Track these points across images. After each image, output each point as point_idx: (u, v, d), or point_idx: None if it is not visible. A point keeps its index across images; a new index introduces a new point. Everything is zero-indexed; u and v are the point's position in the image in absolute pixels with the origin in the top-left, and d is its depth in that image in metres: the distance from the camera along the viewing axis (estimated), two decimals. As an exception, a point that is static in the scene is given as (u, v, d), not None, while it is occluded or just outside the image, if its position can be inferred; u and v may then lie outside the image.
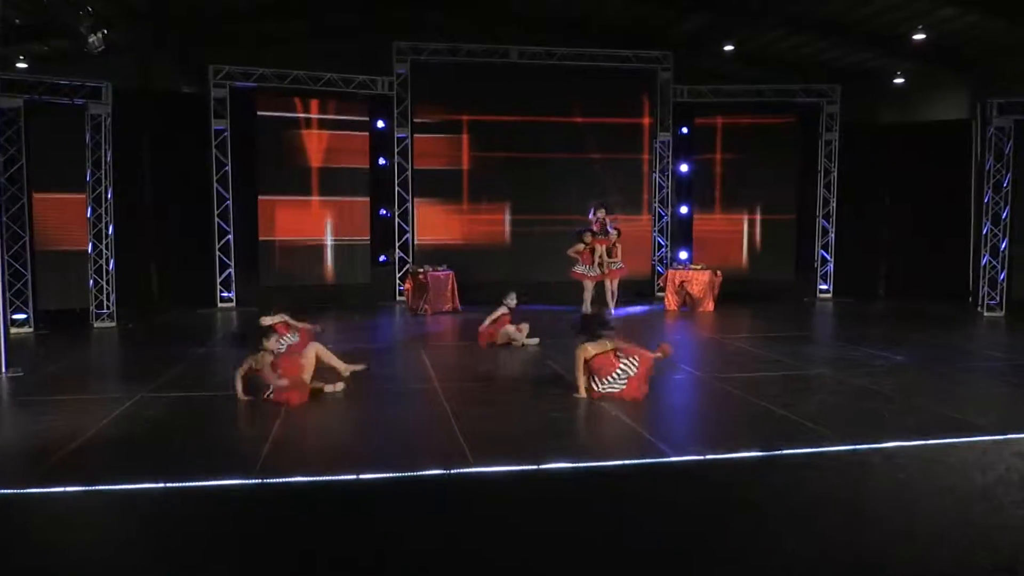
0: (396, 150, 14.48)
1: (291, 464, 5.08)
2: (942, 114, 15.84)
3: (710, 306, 13.35)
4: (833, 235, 15.25)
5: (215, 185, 13.55)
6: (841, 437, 5.57)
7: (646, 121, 15.21)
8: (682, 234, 15.69)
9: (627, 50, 14.94)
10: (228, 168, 13.60)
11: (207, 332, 11.49)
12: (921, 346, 9.60)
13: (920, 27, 15.32)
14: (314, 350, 6.83)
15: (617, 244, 12.69)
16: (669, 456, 5.22)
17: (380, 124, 14.58)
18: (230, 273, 13.79)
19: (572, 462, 5.07)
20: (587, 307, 12.09)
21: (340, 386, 6.95)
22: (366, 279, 14.64)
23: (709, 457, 5.22)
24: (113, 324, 11.52)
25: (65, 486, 4.56)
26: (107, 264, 11.63)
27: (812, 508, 4.44)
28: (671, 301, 13.53)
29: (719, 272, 13.58)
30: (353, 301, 14.02)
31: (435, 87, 14.50)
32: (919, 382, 7.45)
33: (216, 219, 13.62)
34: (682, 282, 13.52)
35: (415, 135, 14.55)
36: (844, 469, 5.07)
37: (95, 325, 11.43)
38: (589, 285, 12.46)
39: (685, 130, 15.40)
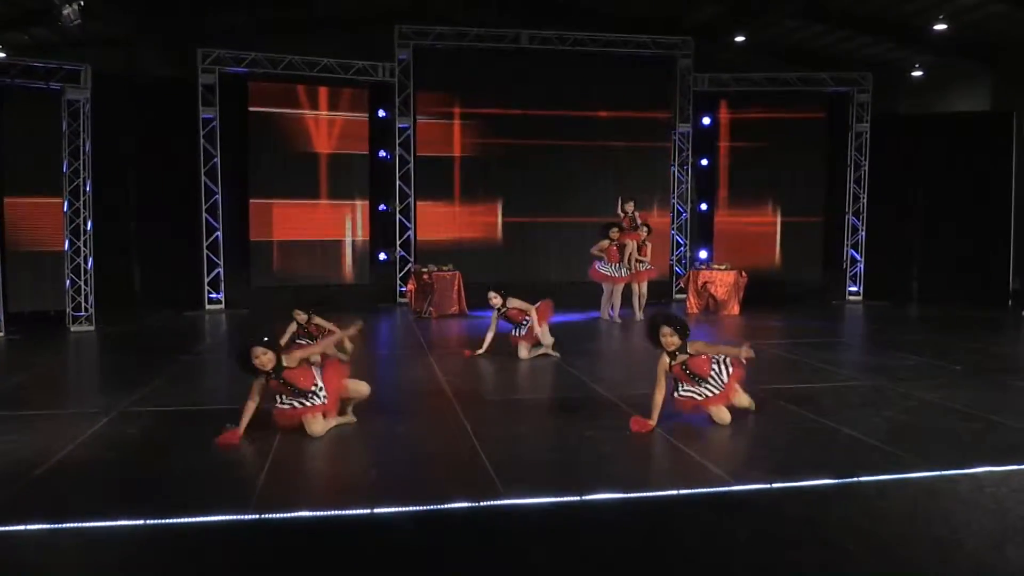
0: (398, 141, 13.88)
1: (293, 496, 4.47)
2: (969, 105, 15.33)
3: (735, 309, 12.78)
4: (864, 233, 14.67)
5: (203, 179, 12.93)
6: (921, 461, 4.99)
7: (663, 114, 14.61)
8: (701, 232, 15.11)
9: (645, 35, 14.36)
10: (217, 160, 12.98)
11: (194, 337, 10.89)
12: (977, 355, 9.03)
13: (941, 17, 14.97)
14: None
15: (647, 242, 12.01)
16: (730, 484, 4.62)
17: (381, 113, 13.98)
18: (219, 273, 13.17)
19: (619, 492, 4.48)
20: (610, 311, 11.44)
21: (351, 418, 6.22)
22: (364, 279, 14.03)
23: (776, 486, 4.62)
24: (91, 328, 10.89)
25: (27, 523, 3.94)
26: (85, 263, 11.00)
27: (895, 542, 3.87)
28: (693, 304, 12.95)
29: (744, 273, 13.00)
30: (351, 303, 13.40)
31: (440, 74, 13.90)
32: (992, 397, 6.86)
33: (204, 215, 13.00)
34: (705, 283, 12.95)
35: (418, 125, 13.94)
36: (928, 498, 4.49)
37: (72, 329, 10.80)
38: (616, 287, 11.62)
39: (707, 121, 14.80)
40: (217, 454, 5.24)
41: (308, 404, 5.54)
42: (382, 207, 14.09)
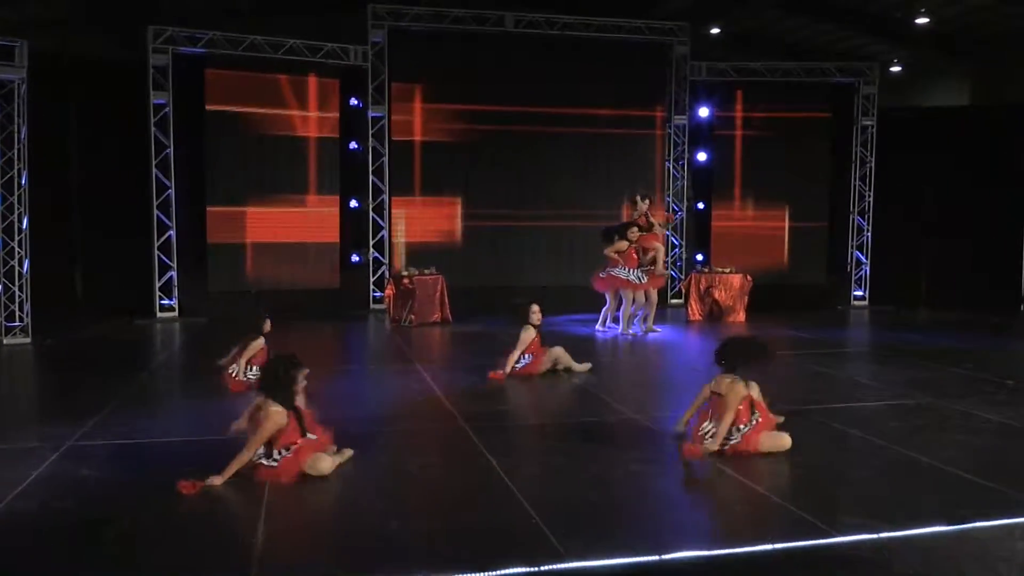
0: (371, 132, 13.07)
1: (301, 558, 3.72)
2: (947, 101, 15.08)
3: (741, 316, 12.24)
4: (869, 234, 14.26)
5: (154, 171, 11.98)
6: (1031, 499, 4.42)
7: (657, 105, 14.02)
8: (698, 232, 14.56)
9: (639, 20, 13.77)
10: (170, 151, 12.03)
11: (148, 350, 9.98)
12: (1016, 365, 8.61)
13: (923, 10, 14.77)
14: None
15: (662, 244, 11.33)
16: (832, 535, 3.98)
17: (352, 101, 13.16)
18: (172, 277, 12.22)
19: (702, 547, 3.81)
20: (627, 324, 10.70)
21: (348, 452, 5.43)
22: (334, 283, 13.18)
23: (885, 535, 4.00)
24: (27, 340, 9.86)
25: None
26: (20, 265, 9.98)
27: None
28: (695, 310, 12.37)
29: (749, 276, 12.47)
30: (320, 309, 12.57)
31: (417, 59, 13.13)
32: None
33: (155, 212, 12.04)
34: (708, 287, 12.37)
35: (393, 115, 13.16)
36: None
37: (4, 341, 9.78)
38: (637, 295, 10.68)
39: (704, 113, 14.25)
40: (198, 502, 4.44)
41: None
42: (354, 204, 13.26)
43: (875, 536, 3.99)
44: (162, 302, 12.18)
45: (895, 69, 15.20)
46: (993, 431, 5.96)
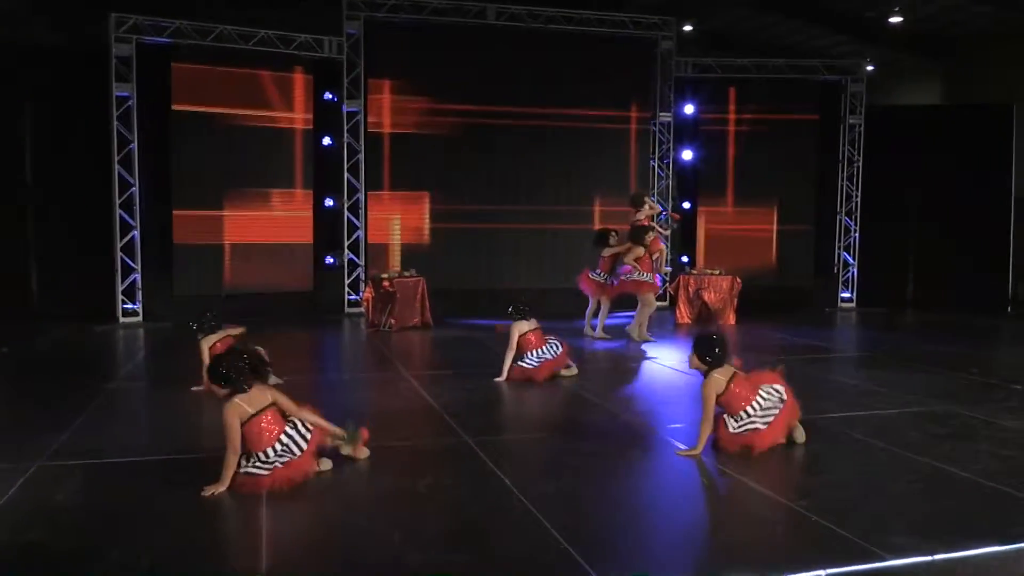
0: (346, 128, 12.69)
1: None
2: (918, 100, 15.14)
3: (731, 318, 12.08)
4: (857, 234, 14.21)
5: (116, 167, 11.48)
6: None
7: (642, 101, 13.83)
8: (683, 233, 14.37)
9: (623, 14, 13.56)
10: (134, 146, 11.54)
11: (112, 358, 9.52)
12: (1020, 369, 8.53)
13: (897, 9, 14.86)
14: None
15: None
16: (886, 558, 3.76)
17: (327, 95, 12.77)
18: (135, 279, 11.73)
19: (753, 573, 3.56)
20: (642, 330, 10.45)
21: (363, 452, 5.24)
22: (308, 286, 12.78)
23: (941, 557, 3.79)
24: (-20, 348, 9.37)
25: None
26: (-27, 268, 9.49)
27: None
28: (684, 313, 12.18)
29: (738, 278, 12.31)
30: (293, 313, 12.18)
31: (395, 51, 12.79)
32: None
33: (118, 210, 11.55)
34: (697, 290, 12.19)
35: (369, 110, 12.79)
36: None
37: (-45, 349, 9.28)
38: (653, 301, 10.48)
39: (690, 110, 14.08)
40: (190, 526, 4.09)
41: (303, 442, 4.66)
42: (328, 203, 12.87)
43: (931, 559, 3.78)
44: (125, 306, 11.67)
45: (867, 68, 15.18)
46: (1019, 441, 5.81)
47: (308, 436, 4.72)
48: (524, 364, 7.63)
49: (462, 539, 4.01)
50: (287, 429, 4.68)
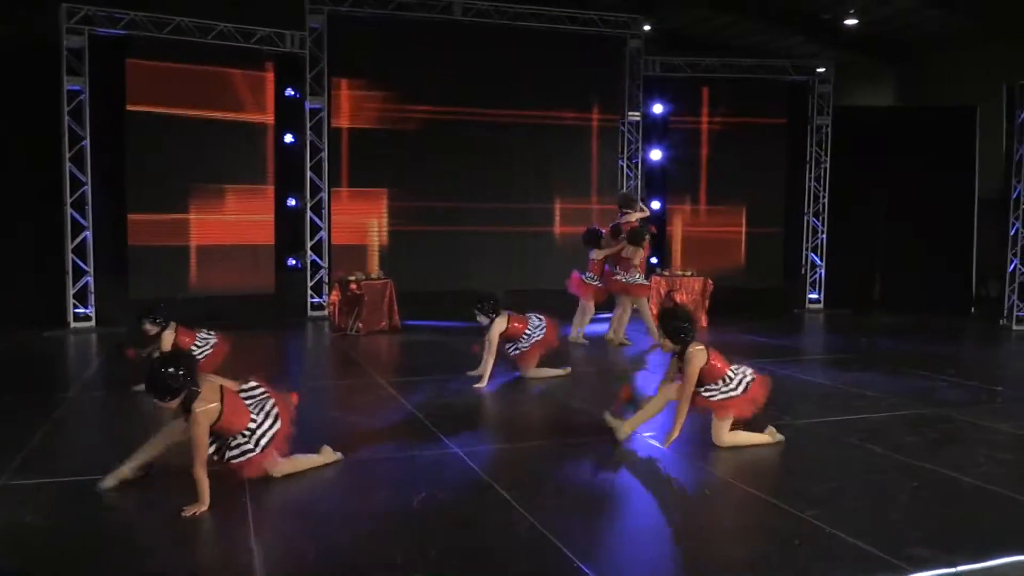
0: (308, 125, 12.39)
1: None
2: (872, 102, 15.37)
3: (703, 320, 12.04)
4: (824, 236, 14.31)
5: (67, 165, 11.03)
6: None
7: (610, 102, 13.74)
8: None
9: (592, 12, 13.47)
10: (86, 143, 11.10)
11: (68, 365, 9.12)
12: (998, 371, 8.65)
13: (852, 11, 15.08)
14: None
15: None
16: (909, 571, 3.67)
17: (288, 92, 12.46)
18: (88, 282, 11.28)
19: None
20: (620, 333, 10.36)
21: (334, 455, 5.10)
22: (268, 288, 12.43)
23: (964, 568, 3.72)
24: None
25: None
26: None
27: None
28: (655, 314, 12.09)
29: (710, 280, 12.30)
30: (255, 317, 11.83)
31: (359, 47, 12.52)
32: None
33: (69, 210, 11.10)
34: (669, 291, 12.14)
35: (333, 107, 12.50)
36: None
37: None
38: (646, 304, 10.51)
39: (659, 110, 14.04)
40: (176, 549, 3.85)
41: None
42: (290, 203, 12.55)
43: (953, 570, 3.71)
44: (77, 311, 11.22)
45: (820, 70, 15.25)
46: (1013, 444, 5.83)
47: (266, 392, 4.74)
48: (520, 349, 7.52)
49: (470, 558, 3.82)
50: (246, 400, 4.65)
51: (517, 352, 7.71)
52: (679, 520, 4.39)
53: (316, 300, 12.59)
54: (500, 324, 7.57)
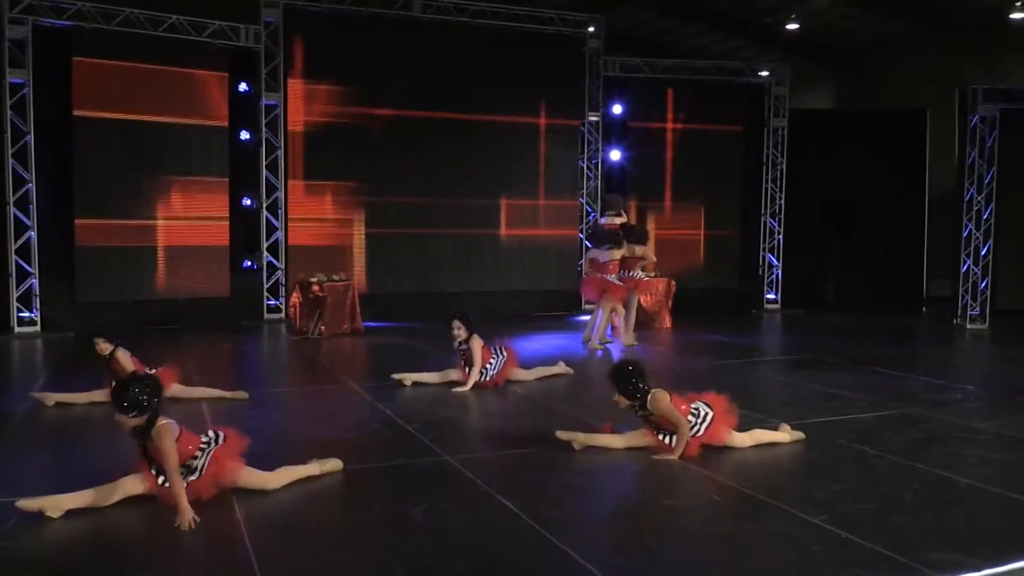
0: (264, 121, 12.04)
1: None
2: (812, 106, 15.67)
3: (667, 322, 12.04)
4: (781, 236, 14.46)
5: (10, 162, 10.51)
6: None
7: (570, 102, 13.66)
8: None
9: (551, 11, 13.38)
10: (29, 139, 10.60)
11: (17, 373, 8.64)
12: (964, 370, 8.80)
13: (793, 16, 15.36)
14: None
15: None
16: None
17: (243, 87, 12.09)
18: (32, 284, 10.76)
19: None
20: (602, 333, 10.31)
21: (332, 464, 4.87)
22: (223, 291, 12.02)
23: (987, 573, 3.68)
24: None
25: None
26: None
27: None
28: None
29: (673, 281, 12.30)
30: (209, 320, 11.44)
31: (315, 42, 12.21)
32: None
33: (11, 209, 10.56)
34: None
35: (288, 103, 12.15)
36: None
37: None
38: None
39: (618, 110, 14.02)
40: (172, 571, 3.59)
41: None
42: (245, 202, 12.18)
43: (978, 574, 3.67)
44: (21, 315, 10.69)
45: (763, 74, 15.38)
46: (998, 443, 5.88)
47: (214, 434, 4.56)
48: (484, 375, 7.38)
49: (481, 573, 3.64)
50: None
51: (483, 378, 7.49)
52: (690, 527, 4.28)
53: (272, 302, 12.24)
54: (479, 340, 7.42)
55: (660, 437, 5.36)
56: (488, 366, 7.41)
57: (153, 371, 6.43)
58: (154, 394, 4.30)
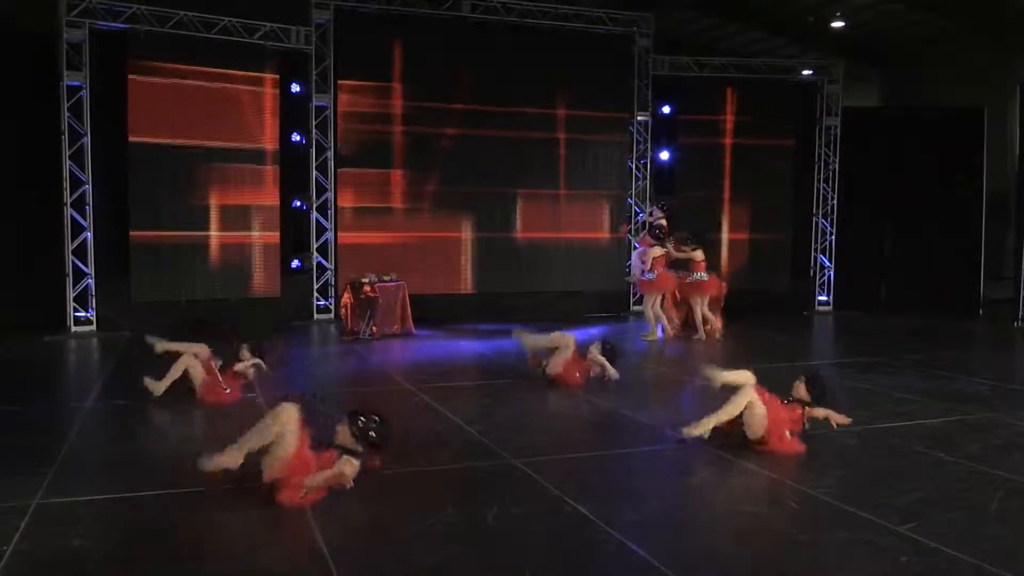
0: (314, 123, 12.06)
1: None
2: (856, 104, 15.33)
3: (719, 323, 11.80)
4: (833, 237, 14.18)
5: (67, 163, 10.62)
6: None
7: (620, 102, 13.52)
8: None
9: (600, 10, 13.25)
10: (86, 140, 10.71)
11: (77, 371, 8.72)
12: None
13: (839, 14, 15.03)
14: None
15: None
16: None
17: (294, 88, 12.12)
18: (89, 285, 10.87)
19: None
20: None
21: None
22: (274, 291, 12.05)
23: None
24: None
25: None
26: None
27: None
28: (673, 316, 11.85)
29: (724, 282, 12.07)
30: (259, 320, 11.46)
31: (366, 43, 12.22)
32: None
33: (68, 210, 10.68)
34: (684, 295, 11.88)
35: (340, 105, 12.16)
36: None
37: None
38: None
39: (667, 110, 13.86)
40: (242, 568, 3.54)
41: None
42: (296, 203, 12.20)
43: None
44: (77, 314, 10.80)
45: (806, 72, 15.07)
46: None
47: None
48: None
49: (568, 581, 3.55)
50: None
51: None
52: (773, 534, 4.13)
53: (322, 303, 12.25)
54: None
55: None
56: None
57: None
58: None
